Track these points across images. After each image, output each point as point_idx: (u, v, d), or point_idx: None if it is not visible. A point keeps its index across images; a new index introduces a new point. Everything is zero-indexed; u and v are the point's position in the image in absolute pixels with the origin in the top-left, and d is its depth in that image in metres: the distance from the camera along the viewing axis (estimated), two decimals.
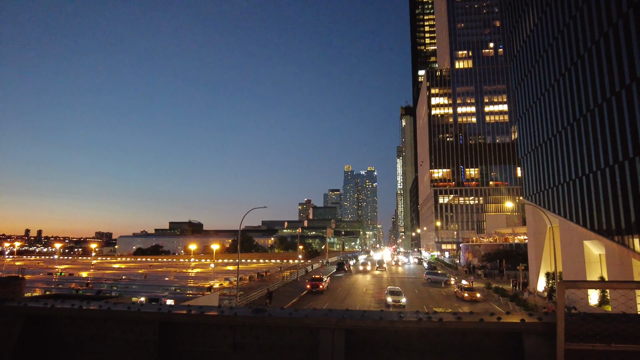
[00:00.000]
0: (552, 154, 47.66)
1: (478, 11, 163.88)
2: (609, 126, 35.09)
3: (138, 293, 39.21)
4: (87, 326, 6.00)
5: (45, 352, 6.00)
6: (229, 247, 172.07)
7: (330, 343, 5.18)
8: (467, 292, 45.55)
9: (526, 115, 56.20)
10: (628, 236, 32.58)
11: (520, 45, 58.14)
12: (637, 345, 4.30)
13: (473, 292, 45.51)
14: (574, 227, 42.11)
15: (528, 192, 56.02)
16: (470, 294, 45.16)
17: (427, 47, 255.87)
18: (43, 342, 6.02)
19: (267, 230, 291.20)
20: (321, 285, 51.00)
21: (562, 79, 44.15)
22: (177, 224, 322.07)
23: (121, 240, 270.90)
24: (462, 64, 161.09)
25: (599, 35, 36.35)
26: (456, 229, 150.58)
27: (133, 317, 5.74)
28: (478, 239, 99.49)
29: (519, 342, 4.87)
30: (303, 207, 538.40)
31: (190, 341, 5.64)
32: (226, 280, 57.55)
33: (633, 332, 4.40)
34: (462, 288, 47.16)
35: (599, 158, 36.86)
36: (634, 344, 4.31)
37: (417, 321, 5.14)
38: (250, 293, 45.66)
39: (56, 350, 6.03)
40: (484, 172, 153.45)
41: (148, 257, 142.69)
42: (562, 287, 4.38)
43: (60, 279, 58.81)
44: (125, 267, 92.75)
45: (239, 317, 5.52)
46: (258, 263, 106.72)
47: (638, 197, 31.25)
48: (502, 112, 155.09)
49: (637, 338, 4.35)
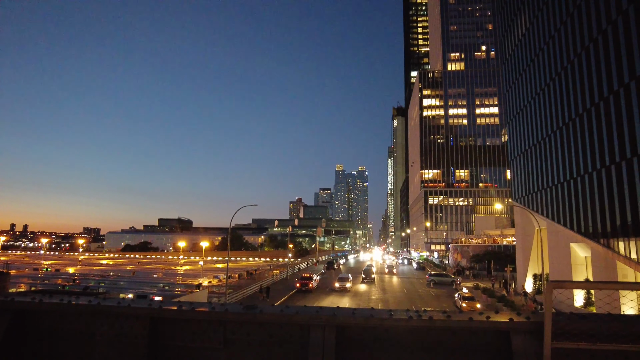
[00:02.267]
0: (541, 157, 48.27)
1: (471, 14, 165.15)
2: (597, 130, 35.65)
3: (126, 290, 38.89)
4: (76, 321, 5.94)
5: (33, 346, 5.94)
6: (219, 245, 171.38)
7: (321, 340, 5.21)
8: (465, 302, 40.25)
9: (516, 119, 56.86)
10: (613, 239, 33.15)
11: (512, 49, 58.75)
12: (620, 344, 4.41)
13: (473, 302, 40.15)
14: (561, 229, 42.71)
15: (517, 195, 56.68)
16: (468, 304, 39.64)
17: (420, 48, 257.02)
18: (30, 336, 5.95)
19: (257, 229, 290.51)
20: (311, 284, 51.02)
21: (552, 83, 44.74)
22: (167, 221, 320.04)
23: (109, 237, 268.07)
24: (455, 66, 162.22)
25: (589, 42, 36.87)
26: (445, 230, 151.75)
27: (123, 312, 5.71)
28: (467, 240, 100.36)
29: (507, 341, 4.95)
30: (294, 205, 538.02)
31: (180, 336, 5.62)
32: (215, 278, 57.35)
33: (616, 331, 4.51)
34: (462, 297, 42.19)
35: (587, 162, 37.43)
36: (618, 343, 4.42)
37: (407, 319, 5.18)
38: (240, 291, 45.53)
39: (43, 345, 5.96)
40: (474, 173, 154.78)
41: (136, 254, 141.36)
42: (550, 287, 4.46)
43: (46, 275, 58.05)
44: (113, 263, 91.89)
45: (230, 313, 5.52)
46: (248, 261, 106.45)
47: (623, 201, 31.81)
48: (493, 114, 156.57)
49: (620, 337, 4.45)
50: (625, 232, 31.47)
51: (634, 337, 4.47)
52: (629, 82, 31.09)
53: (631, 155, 30.78)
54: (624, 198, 31.70)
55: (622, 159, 31.98)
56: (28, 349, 5.77)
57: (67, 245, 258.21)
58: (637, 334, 4.53)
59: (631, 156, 30.78)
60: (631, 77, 30.81)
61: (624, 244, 31.83)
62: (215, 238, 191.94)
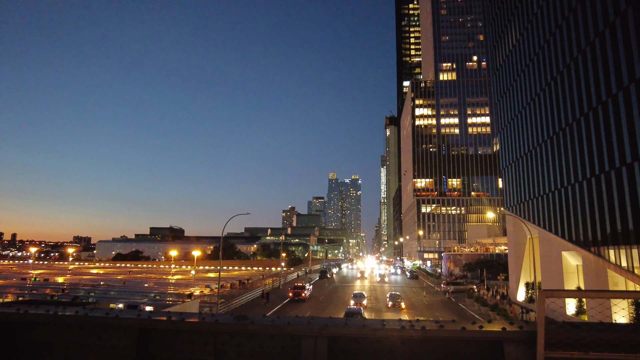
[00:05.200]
0: (532, 166, 48.74)
1: (462, 25, 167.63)
2: (587, 140, 36.11)
3: (116, 299, 38.35)
4: (62, 332, 5.82)
5: (18, 359, 5.80)
6: (211, 254, 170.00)
7: (313, 351, 5.15)
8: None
9: (508, 128, 57.46)
10: (604, 247, 33.41)
11: (503, 59, 59.57)
12: (613, 353, 4.40)
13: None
14: (553, 238, 42.98)
15: (509, 203, 57.05)
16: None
17: (412, 58, 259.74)
18: (15, 348, 5.81)
19: (249, 237, 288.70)
20: (303, 294, 50.66)
21: (543, 94, 45.37)
22: (158, 230, 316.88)
23: (100, 245, 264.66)
24: (446, 76, 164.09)
25: (578, 53, 37.50)
26: (438, 239, 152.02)
27: (111, 323, 5.60)
28: (459, 249, 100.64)
29: (500, 350, 4.93)
30: (287, 214, 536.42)
31: (170, 348, 5.53)
32: (207, 287, 56.74)
33: (609, 340, 4.51)
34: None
35: (577, 170, 37.83)
36: (610, 352, 4.42)
37: (400, 329, 5.15)
38: (232, 300, 45.07)
39: (29, 357, 5.83)
40: (466, 182, 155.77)
41: (128, 263, 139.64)
42: (542, 296, 4.46)
43: (34, 285, 57.10)
44: (104, 272, 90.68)
45: (220, 324, 5.44)
46: (240, 270, 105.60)
47: (613, 209, 32.13)
48: (485, 124, 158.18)
49: (613, 346, 4.46)
50: (615, 240, 31.75)
51: (626, 346, 4.47)
52: (616, 92, 31.61)
53: (620, 164, 31.17)
54: (614, 206, 32.03)
55: (611, 168, 32.38)
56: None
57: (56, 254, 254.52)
58: (629, 343, 4.53)
59: (620, 165, 31.17)
60: (618, 88, 31.33)
61: (614, 252, 32.08)
62: (208, 247, 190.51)
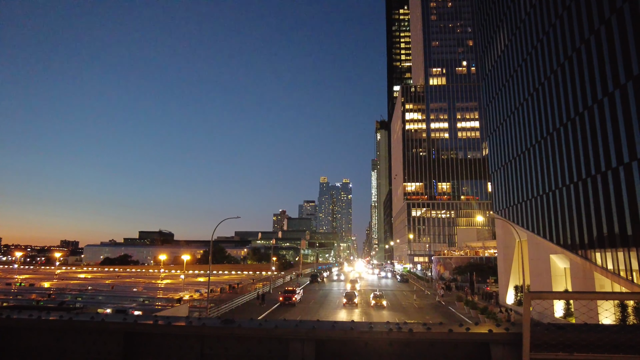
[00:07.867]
0: (520, 170, 49.28)
1: (452, 30, 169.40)
2: (573, 144, 36.64)
3: (104, 304, 37.82)
4: (46, 337, 5.71)
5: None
6: (201, 258, 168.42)
7: (300, 354, 5.12)
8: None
9: (497, 132, 58.07)
10: (590, 250, 33.86)
11: (492, 64, 60.28)
12: (597, 354, 4.46)
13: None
14: (541, 241, 43.44)
15: (498, 207, 57.57)
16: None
17: (402, 63, 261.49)
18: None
19: (240, 241, 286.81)
20: (294, 298, 50.43)
21: (531, 98, 45.97)
22: (147, 234, 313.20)
23: (88, 250, 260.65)
24: (436, 80, 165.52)
25: (564, 59, 38.11)
26: (428, 242, 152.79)
27: (96, 327, 5.51)
28: (449, 252, 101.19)
29: (487, 352, 4.96)
30: (277, 218, 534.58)
31: (156, 352, 5.45)
32: (197, 291, 56.23)
33: (593, 340, 4.57)
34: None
35: (564, 174, 38.35)
36: (594, 353, 4.48)
37: (387, 332, 5.15)
38: (221, 305, 44.70)
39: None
40: (456, 186, 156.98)
41: (116, 267, 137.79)
42: (528, 298, 4.50)
43: (19, 290, 56.05)
44: (92, 277, 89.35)
45: (207, 327, 5.39)
46: (230, 274, 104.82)
47: (599, 213, 32.60)
48: (474, 128, 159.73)
49: (597, 347, 4.52)
50: (602, 243, 32.21)
51: (610, 347, 4.53)
52: (602, 98, 32.17)
53: (605, 169, 31.67)
54: (600, 210, 32.51)
55: (597, 172, 32.88)
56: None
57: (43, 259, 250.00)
58: (613, 344, 4.60)
59: (605, 169, 31.67)
60: (604, 94, 31.89)
61: (600, 255, 32.54)
62: (197, 251, 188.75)
